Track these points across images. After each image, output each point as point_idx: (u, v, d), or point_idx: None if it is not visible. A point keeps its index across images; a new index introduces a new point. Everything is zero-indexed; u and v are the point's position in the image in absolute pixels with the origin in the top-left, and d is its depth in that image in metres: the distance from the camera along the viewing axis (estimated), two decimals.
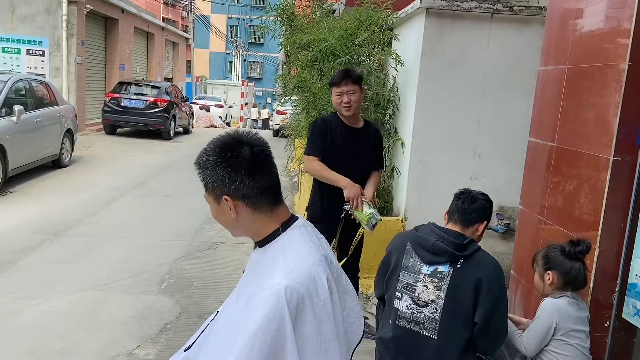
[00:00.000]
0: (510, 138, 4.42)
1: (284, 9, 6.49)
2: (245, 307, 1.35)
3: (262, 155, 1.40)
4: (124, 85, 15.38)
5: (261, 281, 1.36)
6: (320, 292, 1.35)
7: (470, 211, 2.37)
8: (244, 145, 1.38)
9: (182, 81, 27.51)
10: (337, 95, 3.35)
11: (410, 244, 2.38)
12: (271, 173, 1.42)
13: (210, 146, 1.40)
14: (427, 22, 4.31)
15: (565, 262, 2.48)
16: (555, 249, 2.54)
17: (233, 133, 1.43)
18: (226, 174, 1.36)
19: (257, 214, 1.41)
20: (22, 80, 8.68)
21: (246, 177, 1.37)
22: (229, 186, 1.36)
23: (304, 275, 1.34)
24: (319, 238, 1.53)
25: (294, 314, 1.29)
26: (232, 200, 1.38)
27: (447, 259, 2.29)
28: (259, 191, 1.39)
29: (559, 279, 2.49)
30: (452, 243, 2.31)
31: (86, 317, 3.88)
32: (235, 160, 1.36)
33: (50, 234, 5.72)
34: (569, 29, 3.18)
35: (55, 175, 8.94)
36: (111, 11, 17.00)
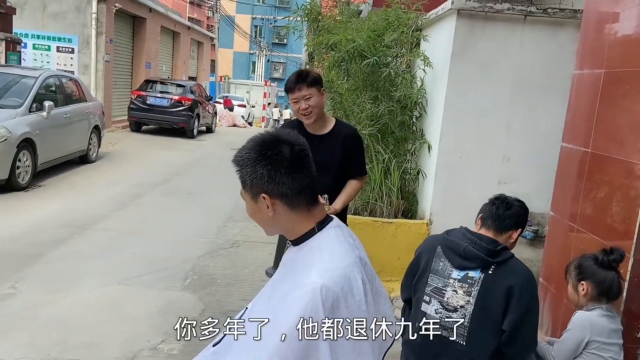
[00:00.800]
0: (541, 143, 4.34)
1: (311, 9, 6.48)
2: (279, 305, 1.35)
3: (302, 155, 1.39)
4: (150, 83, 15.58)
5: (296, 279, 1.36)
6: (355, 292, 1.34)
7: (505, 217, 2.31)
8: (283, 144, 1.37)
9: (206, 80, 27.75)
10: (294, 102, 2.97)
11: (440, 247, 2.34)
12: (309, 173, 1.41)
13: (250, 144, 1.39)
14: (458, 23, 4.26)
15: (599, 271, 2.41)
16: (588, 259, 2.47)
17: (273, 131, 1.42)
18: (266, 172, 1.35)
19: (294, 213, 1.40)
20: (52, 76, 8.84)
21: (285, 176, 1.36)
22: (268, 184, 1.35)
23: (339, 275, 1.33)
24: (353, 239, 1.52)
25: (329, 313, 1.28)
26: (270, 199, 1.37)
27: (478, 264, 2.24)
28: (297, 190, 1.38)
29: (593, 289, 2.42)
30: (485, 249, 2.25)
31: (111, 311, 3.92)
32: (276, 159, 1.35)
33: (77, 228, 5.80)
34: (605, 33, 3.11)
35: (82, 171, 9.08)
36: (139, 10, 17.24)
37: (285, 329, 1.26)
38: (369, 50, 4.90)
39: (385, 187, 4.79)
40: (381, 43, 5.12)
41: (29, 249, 5.02)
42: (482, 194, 4.48)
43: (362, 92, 5.13)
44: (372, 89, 5.06)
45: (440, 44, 4.69)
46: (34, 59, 14.48)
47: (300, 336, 1.25)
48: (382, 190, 4.79)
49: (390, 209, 4.80)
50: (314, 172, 1.44)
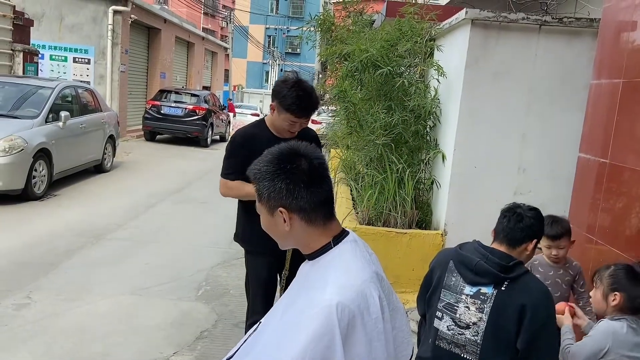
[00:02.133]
0: (557, 153, 4.28)
1: (324, 20, 6.50)
2: (294, 321, 1.32)
3: (320, 169, 1.37)
4: (165, 93, 15.74)
5: (311, 295, 1.33)
6: (372, 310, 1.32)
7: (516, 230, 2.21)
8: (302, 157, 1.36)
9: (220, 90, 27.96)
10: (290, 123, 2.74)
11: (452, 262, 2.27)
12: (328, 186, 1.40)
13: (267, 157, 1.38)
14: (473, 33, 4.23)
15: (634, 285, 2.33)
16: (622, 269, 2.38)
17: (292, 144, 1.41)
18: (284, 185, 1.33)
19: (311, 227, 1.39)
20: (68, 87, 8.95)
21: (304, 190, 1.34)
22: (286, 198, 1.34)
23: (355, 292, 1.31)
24: (370, 254, 1.49)
25: (345, 332, 1.26)
26: (287, 213, 1.35)
27: (490, 280, 2.17)
28: (316, 205, 1.37)
29: (625, 301, 2.35)
30: (497, 264, 2.18)
31: (124, 321, 3.92)
32: (295, 173, 1.34)
33: (91, 237, 5.84)
34: (623, 42, 3.07)
35: (97, 180, 9.17)
36: (154, 21, 17.45)
37: (302, 347, 1.24)
38: (382, 60, 4.89)
39: (399, 197, 4.75)
40: (394, 53, 5.10)
41: (44, 258, 5.06)
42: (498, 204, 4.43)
43: (376, 101, 5.11)
44: (385, 99, 5.04)
45: (454, 54, 4.67)
46: (50, 69, 14.70)
47: (315, 355, 1.23)
48: (396, 200, 4.75)
49: (404, 219, 4.75)
50: (331, 185, 1.43)
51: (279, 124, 2.77)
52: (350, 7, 6.77)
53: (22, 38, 10.81)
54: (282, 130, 2.80)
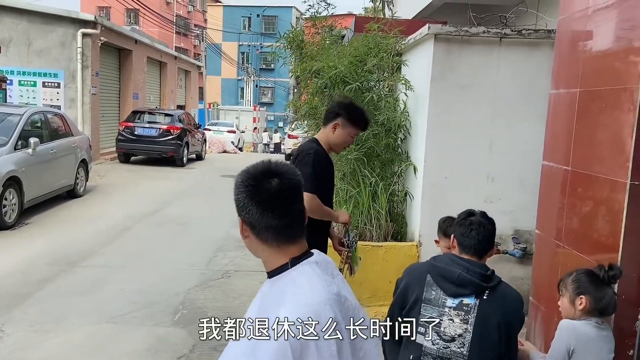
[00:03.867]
0: (524, 161, 4.38)
1: (293, 37, 6.56)
2: (250, 348, 1.32)
3: (282, 194, 1.39)
4: (138, 114, 15.61)
5: (266, 314, 1.34)
6: (326, 332, 1.33)
7: (484, 241, 2.30)
8: (275, 177, 1.39)
9: (195, 108, 27.84)
10: (352, 136, 3.17)
11: (430, 276, 2.29)
12: (286, 214, 1.41)
13: (247, 168, 1.45)
14: (436, 47, 4.32)
15: (598, 287, 2.39)
16: (584, 273, 2.45)
17: (267, 163, 1.44)
18: (242, 197, 1.40)
19: (264, 245, 1.43)
20: (37, 112, 8.83)
21: (255, 209, 1.38)
22: (241, 211, 1.41)
23: (308, 313, 1.32)
24: (334, 275, 1.51)
25: (298, 354, 1.27)
26: (242, 224, 1.43)
27: (472, 290, 2.21)
28: (267, 226, 1.40)
29: (591, 303, 2.41)
30: (478, 274, 2.23)
31: (100, 351, 3.86)
32: (252, 190, 1.39)
33: (65, 265, 5.74)
34: (578, 52, 3.17)
35: (70, 206, 9.02)
36: (125, 42, 17.35)
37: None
38: (350, 76, 4.95)
39: (374, 210, 4.79)
40: (362, 69, 5.17)
41: (16, 289, 4.95)
42: None
43: None
44: None
45: (420, 68, 4.76)
46: (20, 95, 14.48)
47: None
48: (371, 213, 4.79)
49: (379, 232, 4.80)
50: (296, 211, 1.44)
51: (341, 139, 3.12)
52: (319, 23, 6.85)
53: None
54: (339, 146, 3.18)
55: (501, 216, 4.49)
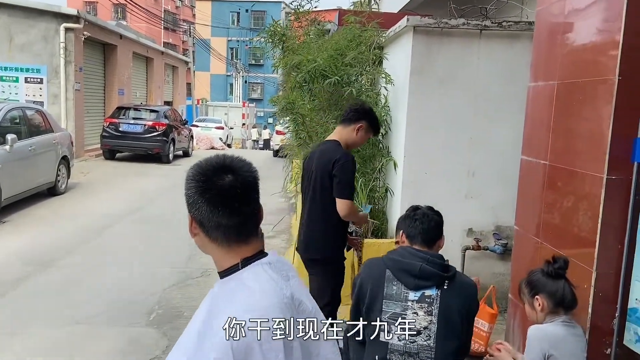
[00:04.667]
0: (505, 155, 4.30)
1: (274, 31, 6.44)
2: (194, 349, 1.25)
3: (236, 193, 1.30)
4: (123, 110, 15.41)
5: (213, 319, 1.27)
6: (272, 336, 1.26)
7: (431, 230, 2.34)
8: (230, 173, 1.30)
9: (182, 104, 27.61)
10: (367, 139, 3.43)
11: (390, 271, 2.25)
12: (239, 212, 1.32)
13: (199, 162, 1.35)
14: (415, 40, 4.23)
15: (548, 282, 2.37)
16: (536, 273, 2.44)
17: (222, 158, 1.35)
18: (192, 193, 1.31)
19: (214, 244, 1.35)
20: (15, 109, 8.65)
21: (205, 206, 1.30)
22: (191, 207, 1.32)
23: (255, 317, 1.25)
24: (289, 277, 1.42)
25: (241, 357, 1.22)
26: (192, 221, 1.34)
27: (434, 282, 2.22)
28: (215, 225, 1.32)
29: (548, 301, 2.37)
30: (439, 265, 2.25)
31: (68, 354, 3.75)
32: (203, 186, 1.30)
33: (40, 264, 5.61)
34: (557, 44, 3.09)
35: (50, 203, 8.85)
36: (109, 37, 17.11)
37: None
38: (330, 70, 4.85)
39: None
40: (342, 62, 5.07)
41: None
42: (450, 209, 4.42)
43: (327, 111, 5.07)
44: (336, 109, 5.00)
45: (399, 61, 4.66)
46: (2, 91, 14.23)
47: None
48: None
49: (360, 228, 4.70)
50: (250, 211, 1.35)
51: (361, 141, 3.35)
52: (302, 17, 6.74)
53: None
54: (356, 146, 3.44)
55: (482, 212, 4.48)
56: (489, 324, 3.58)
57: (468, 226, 4.45)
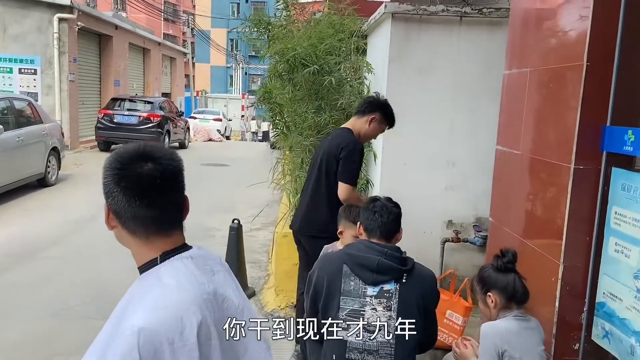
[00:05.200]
0: (485, 146, 4.18)
1: (259, 20, 6.32)
2: (103, 349, 1.20)
3: (155, 183, 1.24)
4: (118, 101, 15.34)
5: (125, 316, 1.21)
6: (186, 335, 1.19)
7: (390, 223, 2.25)
8: (149, 161, 1.24)
9: (181, 96, 27.51)
10: (381, 132, 3.46)
11: (347, 267, 2.17)
12: (158, 203, 1.26)
13: (119, 149, 1.30)
14: (394, 27, 4.13)
15: (499, 277, 2.31)
16: (486, 269, 2.38)
17: (144, 146, 1.29)
18: (108, 181, 1.25)
19: (132, 237, 1.29)
20: (2, 99, 8.59)
21: (121, 195, 1.23)
22: (107, 196, 1.26)
23: (167, 315, 1.19)
24: (214, 272, 1.35)
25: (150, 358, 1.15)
26: (108, 211, 1.28)
27: (393, 276, 2.16)
28: (132, 216, 1.25)
29: (500, 297, 2.32)
30: (397, 258, 2.18)
31: (37, 348, 3.69)
32: (122, 175, 1.24)
33: (20, 257, 5.56)
34: (530, 31, 2.99)
35: (39, 195, 8.80)
36: (104, 28, 17.01)
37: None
38: (310, 59, 4.75)
39: None
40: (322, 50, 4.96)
41: None
42: (430, 200, 4.38)
43: (307, 102, 4.97)
44: (316, 98, 4.90)
45: (380, 49, 4.57)
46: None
47: None
48: None
49: None
50: (170, 204, 1.29)
51: (373, 133, 3.39)
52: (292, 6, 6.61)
53: None
54: (368, 138, 3.45)
55: (462, 203, 4.39)
56: (463, 317, 3.50)
57: (448, 218, 4.37)
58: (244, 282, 4.75)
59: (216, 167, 13.58)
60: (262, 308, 4.46)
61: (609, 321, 2.36)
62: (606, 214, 2.38)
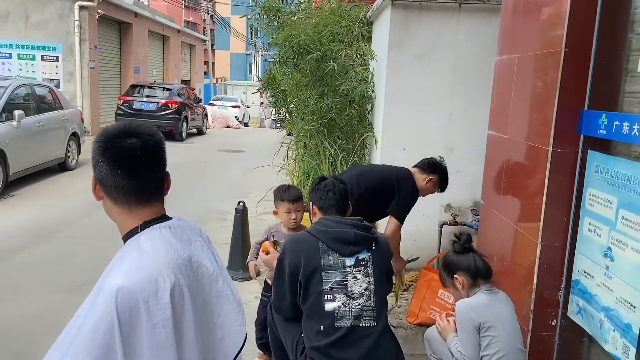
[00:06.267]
0: (484, 131, 4.25)
1: (269, 6, 6.44)
2: (88, 308, 1.32)
3: (135, 155, 1.37)
4: (137, 88, 15.63)
5: (104, 280, 1.34)
6: (160, 295, 1.31)
7: (342, 200, 2.45)
8: (132, 136, 1.37)
9: (200, 83, 27.78)
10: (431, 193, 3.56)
11: (322, 243, 2.32)
12: (138, 174, 1.39)
13: (107, 127, 1.42)
14: (393, 14, 4.21)
15: (460, 259, 2.47)
16: (448, 255, 2.57)
17: (128, 124, 1.42)
18: (95, 153, 1.38)
19: (116, 207, 1.41)
20: (24, 85, 8.86)
21: (105, 165, 1.36)
22: (94, 167, 1.39)
23: (143, 276, 1.30)
24: (191, 241, 1.48)
25: (127, 317, 1.26)
26: (95, 182, 1.41)
27: (366, 245, 2.36)
28: (114, 185, 1.38)
29: (466, 277, 2.45)
30: (366, 228, 2.39)
31: (51, 319, 3.91)
32: (107, 148, 1.36)
33: (39, 236, 5.81)
34: (518, 18, 3.06)
35: (59, 178, 9.11)
36: (124, 15, 17.26)
37: (84, 335, 1.25)
38: (314, 46, 4.86)
39: None
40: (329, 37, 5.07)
41: None
42: None
43: (312, 88, 5.09)
44: (320, 85, 5.02)
45: (382, 36, 4.65)
46: (19, 69, 14.55)
47: (94, 342, 1.24)
48: None
49: None
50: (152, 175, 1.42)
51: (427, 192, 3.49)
52: None
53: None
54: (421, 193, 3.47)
55: (460, 188, 4.48)
56: None
57: (446, 202, 4.47)
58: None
59: (232, 153, 13.79)
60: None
61: (582, 298, 2.46)
62: (582, 195, 2.47)
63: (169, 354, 1.30)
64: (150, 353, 1.28)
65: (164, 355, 1.30)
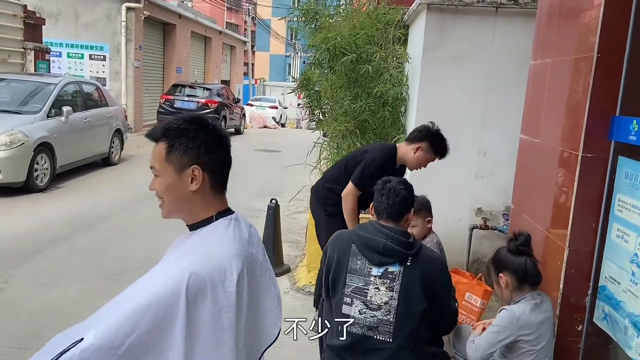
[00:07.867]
0: (516, 135, 4.25)
1: (307, 9, 6.54)
2: (152, 277, 1.41)
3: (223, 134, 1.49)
4: (178, 87, 16.06)
5: (172, 260, 1.43)
6: (227, 284, 1.38)
7: (396, 205, 2.32)
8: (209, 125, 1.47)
9: (239, 83, 28.23)
10: (429, 162, 3.41)
11: (355, 246, 2.31)
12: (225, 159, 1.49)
13: (183, 118, 1.46)
14: (429, 17, 4.24)
15: (511, 259, 2.41)
16: (500, 252, 2.49)
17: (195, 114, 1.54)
18: (209, 138, 1.42)
19: (211, 194, 1.47)
20: (72, 83, 9.26)
21: (217, 151, 1.44)
22: (204, 155, 1.41)
23: (212, 265, 1.38)
24: (251, 235, 1.55)
25: (193, 298, 1.33)
26: (200, 171, 1.42)
27: (397, 259, 2.26)
28: (221, 169, 1.47)
29: (512, 278, 2.42)
30: (402, 242, 2.27)
31: (93, 304, 4.08)
32: (214, 132, 1.45)
33: (81, 227, 6.09)
34: (552, 22, 3.06)
35: (103, 173, 9.48)
36: (169, 17, 17.76)
37: (147, 299, 1.33)
38: (350, 48, 4.93)
39: None
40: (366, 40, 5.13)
41: (31, 247, 5.31)
42: (460, 188, 4.48)
43: (346, 89, 5.16)
44: (354, 86, 5.09)
45: (416, 40, 4.68)
46: (68, 67, 15.17)
47: (158, 310, 1.31)
48: None
49: None
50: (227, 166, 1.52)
51: (418, 162, 3.34)
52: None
53: (34, 37, 11.19)
54: (413, 166, 3.36)
55: (492, 192, 4.47)
56: (481, 300, 3.61)
57: (477, 206, 4.46)
58: (279, 259, 5.03)
59: (268, 152, 13.99)
60: (295, 283, 4.73)
61: (608, 304, 2.45)
62: (612, 201, 2.45)
63: (229, 339, 1.38)
64: (212, 335, 1.36)
65: (224, 338, 1.37)
